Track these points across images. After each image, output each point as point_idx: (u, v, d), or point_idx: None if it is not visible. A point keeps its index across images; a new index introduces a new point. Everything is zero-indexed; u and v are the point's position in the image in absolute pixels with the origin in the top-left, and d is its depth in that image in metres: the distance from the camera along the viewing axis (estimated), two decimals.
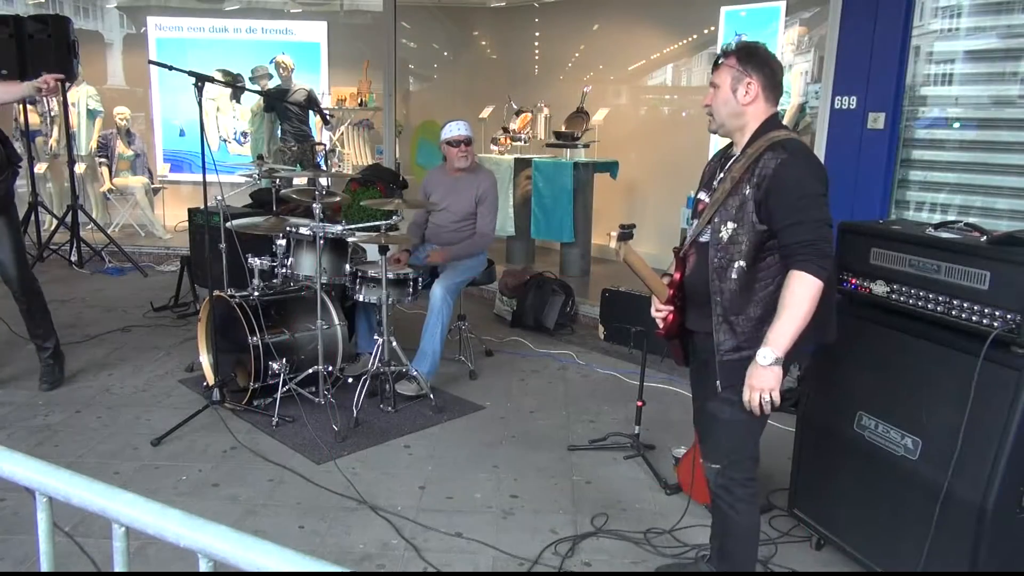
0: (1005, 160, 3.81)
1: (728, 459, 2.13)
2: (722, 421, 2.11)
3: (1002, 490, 1.98)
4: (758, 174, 1.96)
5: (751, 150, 2.02)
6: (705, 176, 2.23)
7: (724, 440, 2.14)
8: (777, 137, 2.00)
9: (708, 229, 2.07)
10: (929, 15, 4.03)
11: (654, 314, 2.21)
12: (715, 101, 2.08)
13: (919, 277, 2.26)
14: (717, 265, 2.04)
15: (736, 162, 2.05)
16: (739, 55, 2.05)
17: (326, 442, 3.36)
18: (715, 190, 2.09)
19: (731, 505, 2.15)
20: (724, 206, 2.03)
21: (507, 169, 6.69)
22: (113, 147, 7.47)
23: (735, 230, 2.01)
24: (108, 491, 1.05)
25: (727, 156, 2.15)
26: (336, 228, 3.77)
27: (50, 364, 3.92)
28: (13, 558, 2.49)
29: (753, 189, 1.97)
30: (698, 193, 2.22)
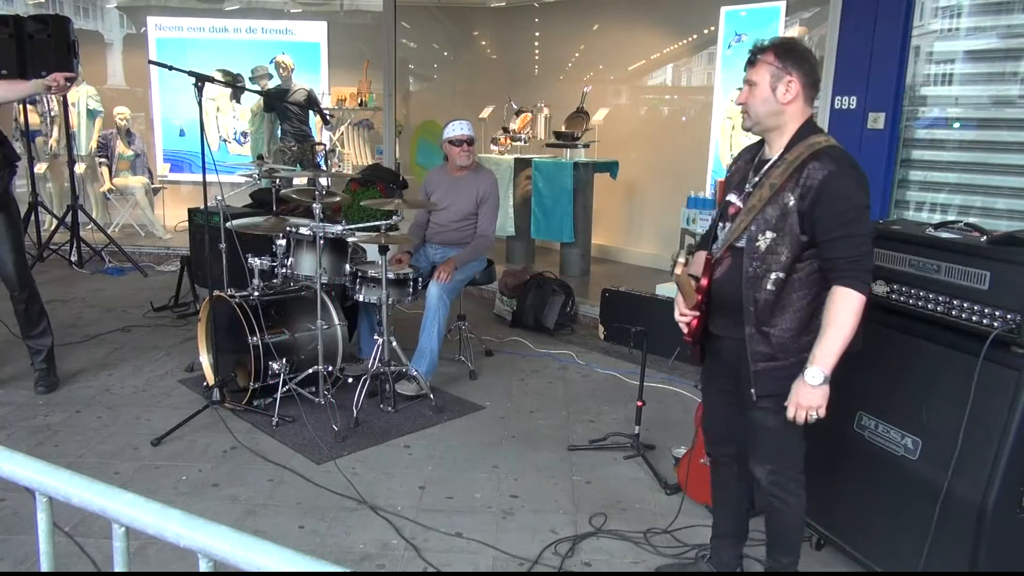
0: (1005, 160, 3.82)
1: (777, 461, 2.14)
2: (769, 429, 2.10)
3: (1002, 490, 1.98)
4: (803, 184, 1.91)
5: (791, 156, 1.96)
6: (735, 177, 2.16)
7: (773, 445, 2.13)
8: (819, 144, 1.95)
9: (744, 236, 2.01)
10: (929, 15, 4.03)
11: (678, 318, 2.15)
12: (752, 99, 2.00)
13: (919, 277, 2.26)
14: (752, 274, 1.99)
15: (775, 168, 1.99)
16: (778, 51, 1.97)
17: (326, 442, 3.36)
18: (750, 195, 2.03)
19: (784, 500, 2.17)
20: (762, 214, 1.97)
21: (507, 169, 6.69)
22: (113, 147, 7.47)
23: (774, 240, 1.95)
24: (108, 491, 1.05)
25: (761, 159, 2.08)
26: (336, 228, 3.77)
27: (43, 368, 3.87)
28: (13, 558, 2.49)
29: (797, 200, 1.91)
30: (727, 195, 2.15)
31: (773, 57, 1.97)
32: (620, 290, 4.89)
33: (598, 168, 6.56)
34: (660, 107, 7.31)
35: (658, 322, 4.50)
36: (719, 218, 2.18)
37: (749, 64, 2.02)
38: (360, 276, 3.81)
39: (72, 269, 6.51)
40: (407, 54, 8.39)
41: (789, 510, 2.18)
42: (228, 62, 7.77)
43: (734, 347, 2.11)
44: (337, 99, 8.11)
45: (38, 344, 3.86)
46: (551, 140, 6.72)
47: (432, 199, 4.23)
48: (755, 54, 2.01)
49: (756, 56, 2.00)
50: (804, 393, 1.93)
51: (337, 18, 8.61)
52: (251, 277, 3.75)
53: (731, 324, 2.07)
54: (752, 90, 2.00)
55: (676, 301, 2.15)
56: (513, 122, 6.95)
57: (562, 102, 6.93)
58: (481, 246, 4.21)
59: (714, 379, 2.30)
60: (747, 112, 2.03)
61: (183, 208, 5.86)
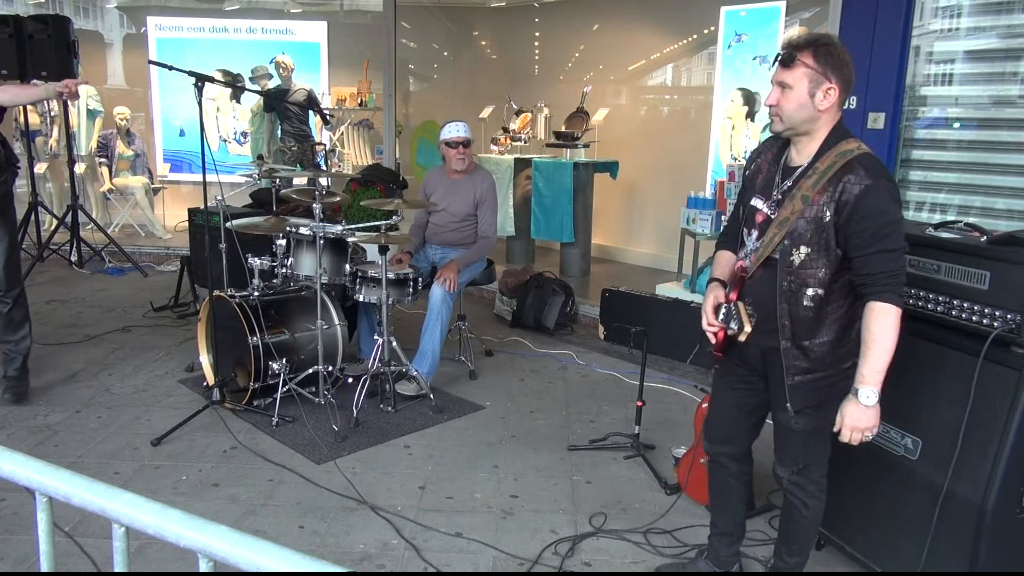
0: (1005, 160, 3.82)
1: (801, 463, 2.14)
2: (795, 432, 2.09)
3: (1002, 490, 1.98)
4: (839, 199, 1.84)
5: (823, 165, 1.89)
6: (757, 179, 2.09)
7: (797, 448, 2.13)
8: (851, 151, 1.88)
9: (778, 251, 1.95)
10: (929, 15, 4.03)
11: (706, 327, 2.07)
12: (786, 103, 1.90)
13: (919, 277, 2.25)
14: (787, 289, 1.95)
15: (806, 178, 1.91)
16: (818, 53, 1.86)
17: (326, 442, 3.36)
18: (780, 205, 1.96)
19: (803, 501, 2.17)
20: (795, 228, 1.91)
21: (507, 169, 6.69)
22: (113, 147, 7.47)
23: (808, 255, 1.90)
24: (108, 491, 1.05)
25: (788, 164, 2.01)
26: (336, 228, 3.77)
27: (15, 376, 3.74)
28: (13, 558, 2.49)
29: (833, 215, 1.85)
30: (751, 198, 2.08)
31: (813, 60, 1.86)
32: (620, 290, 4.89)
33: (598, 168, 6.56)
34: (660, 107, 7.31)
35: (658, 322, 4.51)
36: (743, 223, 2.10)
37: (784, 64, 1.89)
38: (360, 276, 3.81)
39: (72, 269, 6.51)
40: (407, 54, 8.39)
41: (807, 512, 2.19)
42: (228, 62, 7.78)
43: (759, 354, 2.09)
44: (337, 99, 8.11)
45: (15, 350, 3.74)
46: (551, 140, 6.72)
47: (431, 200, 4.23)
48: (792, 53, 1.88)
49: (794, 56, 1.87)
50: (858, 415, 1.89)
51: (337, 18, 8.61)
52: (251, 277, 3.75)
53: (758, 333, 2.02)
54: (786, 93, 1.90)
55: (704, 310, 2.08)
56: (513, 122, 6.95)
57: (562, 102, 6.94)
58: (484, 247, 4.21)
59: (729, 379, 2.26)
60: (779, 115, 1.93)
61: (183, 208, 5.86)
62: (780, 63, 1.91)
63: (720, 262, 2.21)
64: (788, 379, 2.00)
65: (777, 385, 2.08)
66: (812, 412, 2.05)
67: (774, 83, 1.94)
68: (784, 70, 1.90)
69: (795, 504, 2.19)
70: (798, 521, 2.22)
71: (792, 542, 2.27)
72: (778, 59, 1.93)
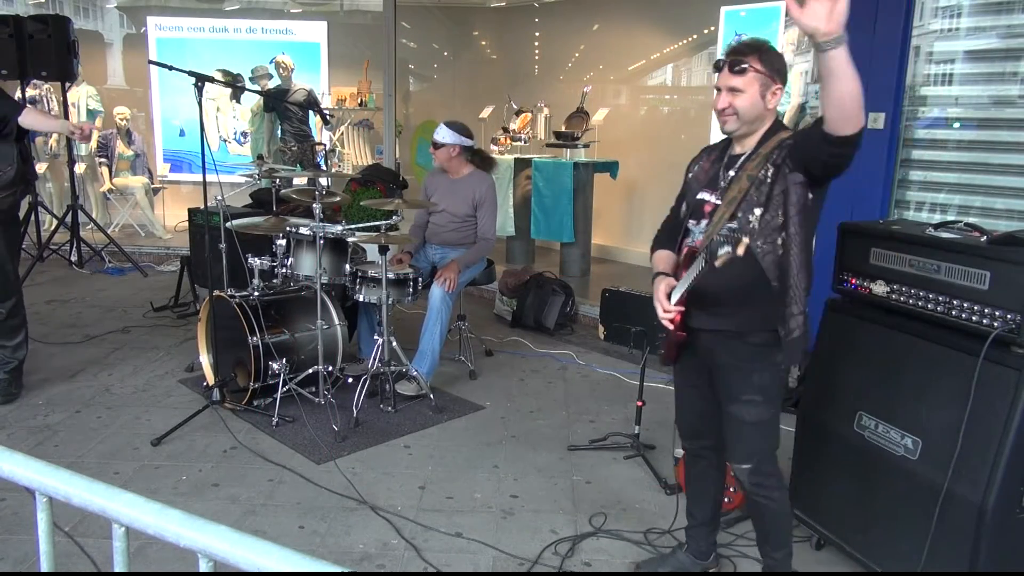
0: (1005, 160, 3.81)
1: (757, 457, 2.16)
2: (749, 424, 2.12)
3: (1002, 490, 1.98)
4: (781, 155, 1.97)
5: (765, 150, 2.03)
6: (702, 176, 2.20)
7: (753, 441, 2.15)
8: (787, 136, 2.03)
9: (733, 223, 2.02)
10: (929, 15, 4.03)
11: (662, 315, 2.12)
12: (741, 104, 2.02)
13: (919, 277, 2.26)
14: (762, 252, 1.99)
15: (750, 161, 2.05)
16: (764, 59, 2.01)
17: (326, 442, 3.36)
18: (727, 189, 2.07)
19: (767, 497, 2.19)
20: (746, 200, 2.01)
21: (507, 169, 6.69)
22: (113, 147, 7.48)
23: (763, 214, 1.98)
24: (108, 491, 1.05)
25: (732, 156, 2.13)
26: (336, 228, 3.77)
27: (5, 379, 3.74)
28: (13, 558, 2.49)
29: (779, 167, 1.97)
30: (697, 194, 2.18)
31: (761, 65, 2.00)
32: (620, 290, 4.89)
33: (598, 168, 6.56)
34: (660, 107, 7.31)
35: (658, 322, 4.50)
36: (689, 216, 2.19)
37: (737, 72, 2.01)
38: (360, 276, 3.81)
39: (72, 269, 6.51)
40: (407, 54, 8.39)
41: (775, 504, 2.20)
42: (228, 62, 7.77)
43: (708, 340, 2.14)
44: (337, 99, 8.11)
45: (11, 356, 3.75)
46: (551, 140, 6.72)
47: (431, 200, 4.23)
48: (742, 60, 2.00)
49: (744, 63, 1.99)
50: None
51: (337, 18, 8.61)
52: (251, 277, 3.75)
53: (707, 316, 2.10)
54: (739, 96, 2.02)
55: (657, 299, 2.13)
56: (513, 122, 6.95)
57: (562, 102, 6.94)
58: (484, 248, 4.21)
59: (687, 375, 2.31)
60: (735, 115, 2.03)
61: (183, 208, 5.86)
62: (732, 71, 2.01)
63: (657, 259, 2.28)
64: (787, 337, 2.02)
65: (726, 374, 2.13)
66: (763, 401, 2.09)
67: (721, 88, 2.04)
68: (735, 76, 2.01)
69: (761, 502, 2.20)
70: (770, 517, 2.24)
71: (772, 538, 2.29)
72: (726, 66, 2.03)
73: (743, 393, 2.10)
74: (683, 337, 2.15)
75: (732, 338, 2.09)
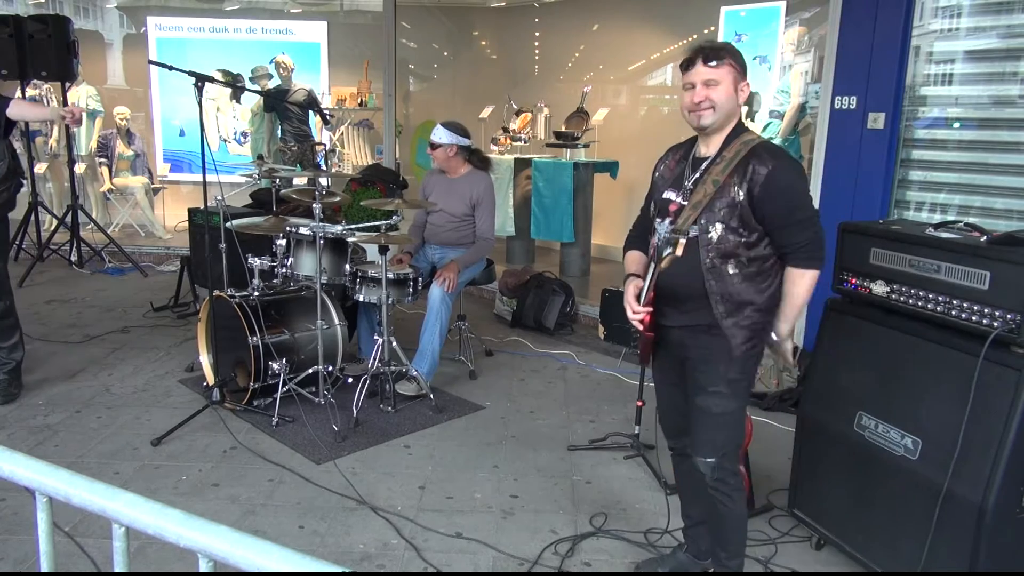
0: (1005, 160, 3.81)
1: (723, 451, 2.17)
2: (714, 415, 2.14)
3: (1002, 490, 1.98)
4: (749, 180, 2.00)
5: (729, 153, 2.05)
6: (668, 175, 2.22)
7: (718, 433, 2.17)
8: (752, 140, 2.06)
9: (694, 228, 2.07)
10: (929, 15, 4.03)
11: (632, 316, 2.14)
12: (719, 96, 2.04)
13: (919, 277, 2.26)
14: (710, 265, 2.06)
15: (715, 165, 2.07)
16: (734, 56, 2.06)
17: (326, 442, 3.37)
18: (692, 191, 2.10)
19: (728, 495, 2.19)
20: (709, 208, 2.04)
21: (507, 169, 6.69)
22: (113, 147, 7.47)
23: (724, 231, 2.03)
24: (108, 491, 1.05)
25: (696, 157, 2.16)
26: (336, 228, 3.77)
27: (3, 379, 3.75)
28: (13, 558, 2.49)
29: (746, 195, 2.01)
30: (663, 192, 2.20)
31: (733, 60, 2.05)
32: (620, 290, 4.87)
33: (598, 168, 6.56)
34: (660, 107, 7.30)
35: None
36: (656, 215, 2.21)
37: (714, 63, 2.03)
38: (360, 276, 3.81)
39: (72, 269, 6.51)
40: (407, 54, 8.39)
41: (734, 504, 2.21)
42: (228, 62, 7.77)
43: (679, 336, 2.17)
44: (337, 99, 8.11)
45: (8, 358, 3.76)
46: (551, 140, 6.72)
47: (429, 200, 4.23)
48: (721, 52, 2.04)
49: (721, 56, 2.03)
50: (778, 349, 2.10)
51: (337, 18, 8.61)
52: (251, 277, 3.75)
53: (677, 313, 2.14)
54: (716, 88, 2.04)
55: (627, 300, 2.15)
56: (513, 122, 6.95)
57: (562, 102, 6.93)
58: (483, 249, 4.21)
59: (664, 372, 2.33)
60: (712, 108, 2.05)
61: (183, 208, 5.86)
62: (707, 63, 2.03)
63: (628, 261, 2.32)
64: (733, 351, 2.08)
65: (695, 366, 2.15)
66: (730, 394, 2.12)
67: (696, 83, 2.05)
68: (712, 69, 2.04)
69: (722, 500, 2.21)
70: (728, 518, 2.23)
71: (729, 543, 2.28)
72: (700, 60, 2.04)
73: (710, 384, 2.13)
74: (651, 337, 2.18)
75: (701, 332, 2.12)
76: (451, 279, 3.92)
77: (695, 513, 2.46)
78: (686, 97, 2.09)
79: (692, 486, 2.43)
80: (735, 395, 2.14)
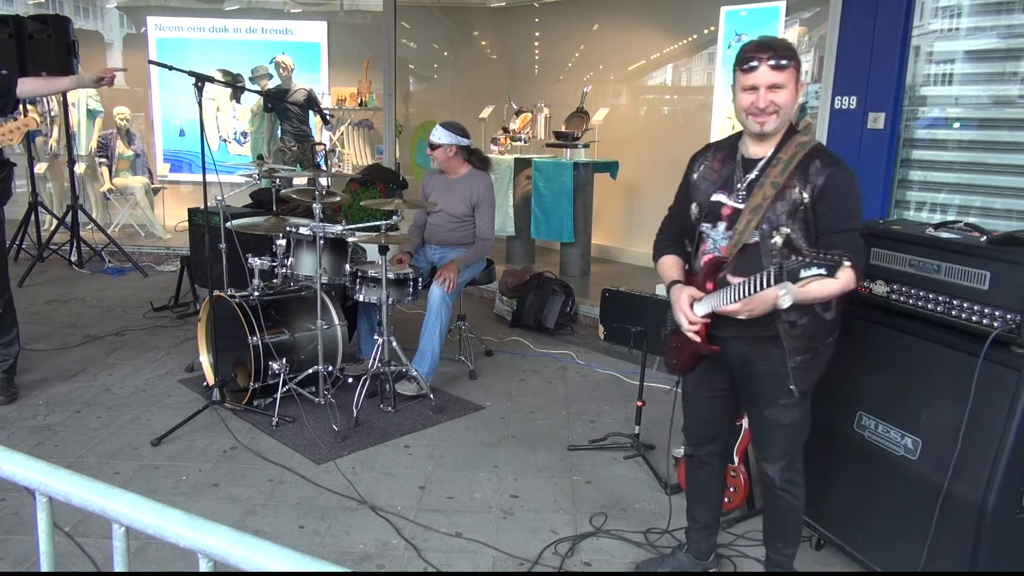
0: (1005, 160, 3.82)
1: (790, 455, 2.17)
2: (783, 426, 2.12)
3: (1002, 490, 1.98)
4: (812, 179, 1.94)
5: (786, 155, 1.98)
6: (713, 176, 2.11)
7: (787, 441, 2.16)
8: (807, 142, 2.00)
9: (756, 235, 1.98)
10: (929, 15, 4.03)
11: (687, 327, 2.05)
12: (784, 101, 1.96)
13: (919, 277, 2.26)
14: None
15: (772, 167, 1.99)
16: (795, 54, 1.98)
17: (326, 442, 3.36)
18: (749, 195, 2.00)
19: (794, 494, 2.21)
20: (771, 211, 1.96)
21: (507, 169, 6.69)
22: (113, 147, 7.47)
23: (788, 236, 1.95)
24: (108, 491, 1.05)
25: (747, 158, 2.06)
26: (336, 228, 3.77)
27: (3, 377, 3.75)
28: (13, 558, 2.49)
29: (810, 195, 1.94)
30: (710, 195, 2.09)
31: (796, 61, 1.97)
32: (620, 290, 4.89)
33: (598, 168, 6.56)
34: (660, 107, 7.31)
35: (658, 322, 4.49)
36: (704, 218, 2.10)
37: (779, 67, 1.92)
38: (360, 276, 3.81)
39: (72, 269, 6.51)
40: (407, 54, 8.39)
41: (798, 503, 2.23)
42: (228, 62, 7.77)
43: (738, 347, 2.09)
44: (337, 99, 8.11)
45: (4, 353, 3.75)
46: (551, 140, 6.72)
47: (429, 200, 4.23)
48: (786, 53, 1.94)
49: (787, 59, 1.93)
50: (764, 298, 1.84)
51: (337, 18, 8.61)
52: (251, 277, 3.75)
53: (736, 324, 2.02)
54: (780, 92, 1.95)
55: (681, 310, 2.05)
56: (513, 122, 6.95)
57: (562, 102, 6.94)
58: (483, 249, 4.21)
59: (704, 383, 2.25)
60: (776, 114, 1.96)
61: (183, 208, 5.86)
62: (775, 68, 1.92)
63: (668, 266, 2.21)
64: (790, 360, 2.01)
65: (762, 379, 2.10)
66: (797, 404, 2.09)
67: (760, 86, 1.94)
68: (779, 72, 1.94)
69: (788, 500, 2.21)
70: (791, 513, 2.25)
71: (789, 534, 2.30)
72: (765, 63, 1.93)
73: (780, 397, 2.08)
74: (716, 351, 2.08)
75: (766, 343, 2.03)
76: (451, 279, 3.92)
77: (702, 518, 2.45)
78: (745, 99, 1.98)
79: (704, 492, 2.43)
80: (802, 403, 2.10)
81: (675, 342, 2.21)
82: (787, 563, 2.32)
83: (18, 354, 3.85)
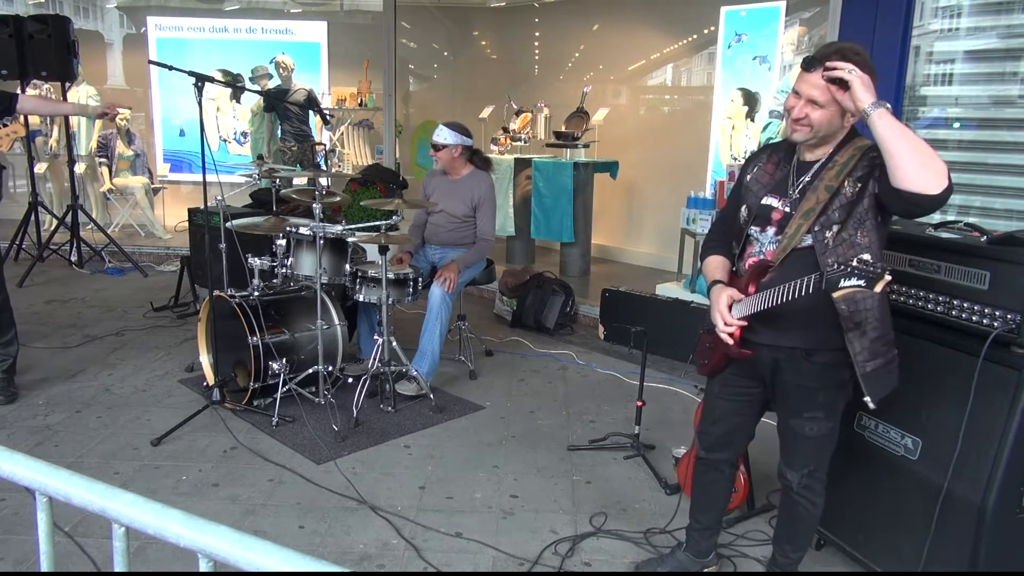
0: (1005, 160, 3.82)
1: (813, 464, 2.16)
2: (809, 438, 2.11)
3: (1002, 490, 1.97)
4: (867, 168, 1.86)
5: (843, 158, 1.91)
6: (765, 179, 2.06)
7: (810, 451, 2.15)
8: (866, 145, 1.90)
9: (808, 238, 1.91)
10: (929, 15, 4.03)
11: (722, 329, 2.00)
12: (819, 120, 1.88)
13: (919, 277, 2.25)
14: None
15: (827, 170, 1.92)
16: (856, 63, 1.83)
17: (326, 442, 3.37)
18: (802, 199, 1.94)
19: (812, 502, 2.20)
20: (825, 214, 1.89)
21: (507, 169, 6.69)
22: (113, 147, 7.47)
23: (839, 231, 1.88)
24: (108, 491, 1.05)
25: (802, 161, 2.01)
26: (336, 228, 3.77)
27: (3, 377, 3.75)
28: (13, 558, 2.49)
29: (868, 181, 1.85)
30: (761, 198, 2.04)
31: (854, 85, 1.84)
32: (620, 290, 4.89)
33: (598, 168, 6.56)
34: (660, 107, 7.31)
35: (658, 322, 4.51)
36: (753, 221, 2.05)
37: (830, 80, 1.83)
38: (360, 276, 3.81)
39: (72, 269, 6.51)
40: (407, 54, 8.39)
41: (815, 510, 2.22)
42: (228, 62, 7.78)
43: (770, 356, 2.05)
44: (337, 99, 8.11)
45: (3, 353, 3.75)
46: (551, 140, 6.72)
47: (430, 200, 4.23)
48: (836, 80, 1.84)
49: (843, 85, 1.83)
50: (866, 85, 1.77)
51: (337, 18, 8.62)
52: (251, 277, 3.75)
53: (770, 331, 1.99)
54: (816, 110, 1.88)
55: (718, 311, 2.01)
56: (513, 122, 6.95)
57: (562, 102, 6.94)
58: (483, 249, 4.21)
59: (729, 387, 2.22)
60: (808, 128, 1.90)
61: (183, 208, 5.86)
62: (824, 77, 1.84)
63: (713, 266, 2.17)
64: (860, 369, 1.94)
65: (790, 391, 2.07)
66: (825, 418, 2.07)
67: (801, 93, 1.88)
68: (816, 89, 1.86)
69: (803, 505, 2.21)
70: (806, 520, 2.24)
71: (798, 539, 2.30)
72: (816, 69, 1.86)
73: (806, 410, 2.06)
74: (748, 356, 2.03)
75: (799, 357, 2.01)
76: (451, 279, 3.92)
77: (705, 519, 2.44)
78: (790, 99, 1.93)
79: (709, 496, 2.42)
80: (830, 417, 2.08)
81: (708, 342, 2.18)
82: (791, 566, 2.32)
83: (17, 353, 3.85)
